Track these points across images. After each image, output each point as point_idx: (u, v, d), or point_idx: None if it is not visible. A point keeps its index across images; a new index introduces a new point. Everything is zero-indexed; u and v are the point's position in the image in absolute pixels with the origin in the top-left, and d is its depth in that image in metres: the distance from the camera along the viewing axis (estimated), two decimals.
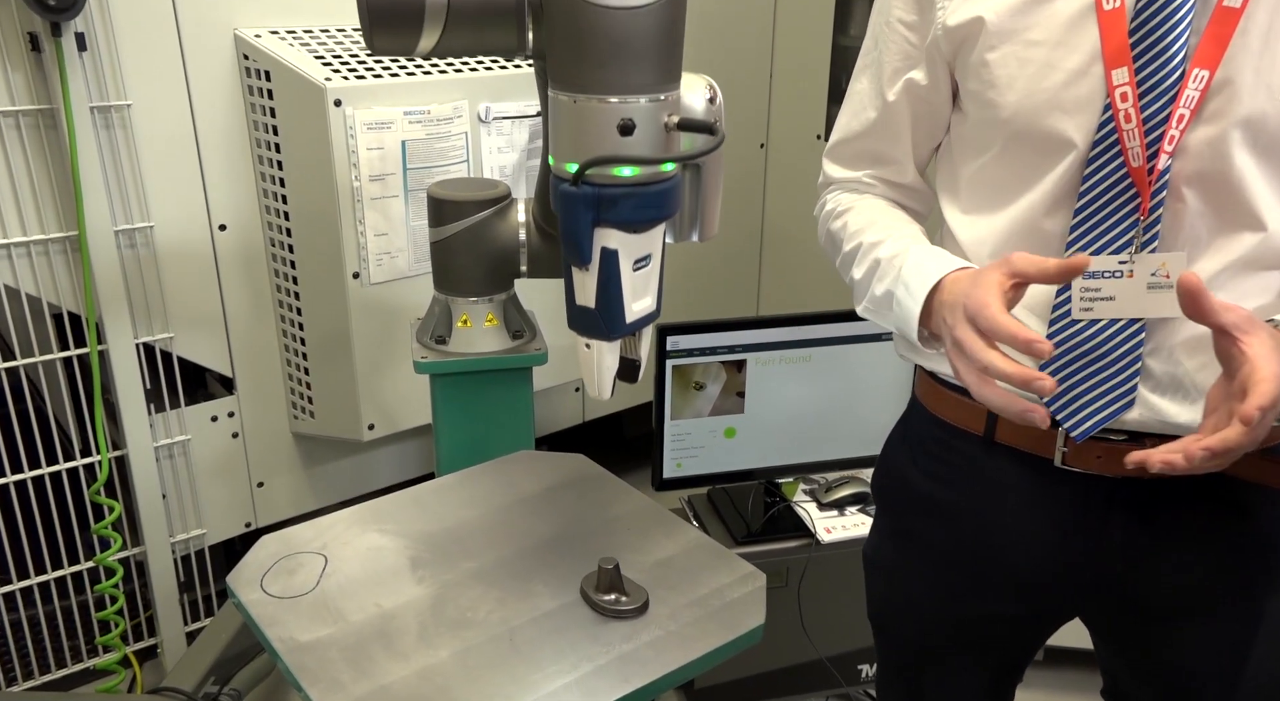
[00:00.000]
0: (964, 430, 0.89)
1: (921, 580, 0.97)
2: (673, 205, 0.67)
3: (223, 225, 1.74)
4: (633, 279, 0.67)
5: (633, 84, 0.63)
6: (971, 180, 0.88)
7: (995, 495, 0.89)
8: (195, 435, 1.80)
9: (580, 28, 0.62)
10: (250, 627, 0.89)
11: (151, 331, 1.70)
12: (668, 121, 0.64)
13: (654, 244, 0.69)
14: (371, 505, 1.06)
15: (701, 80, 0.71)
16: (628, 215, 0.65)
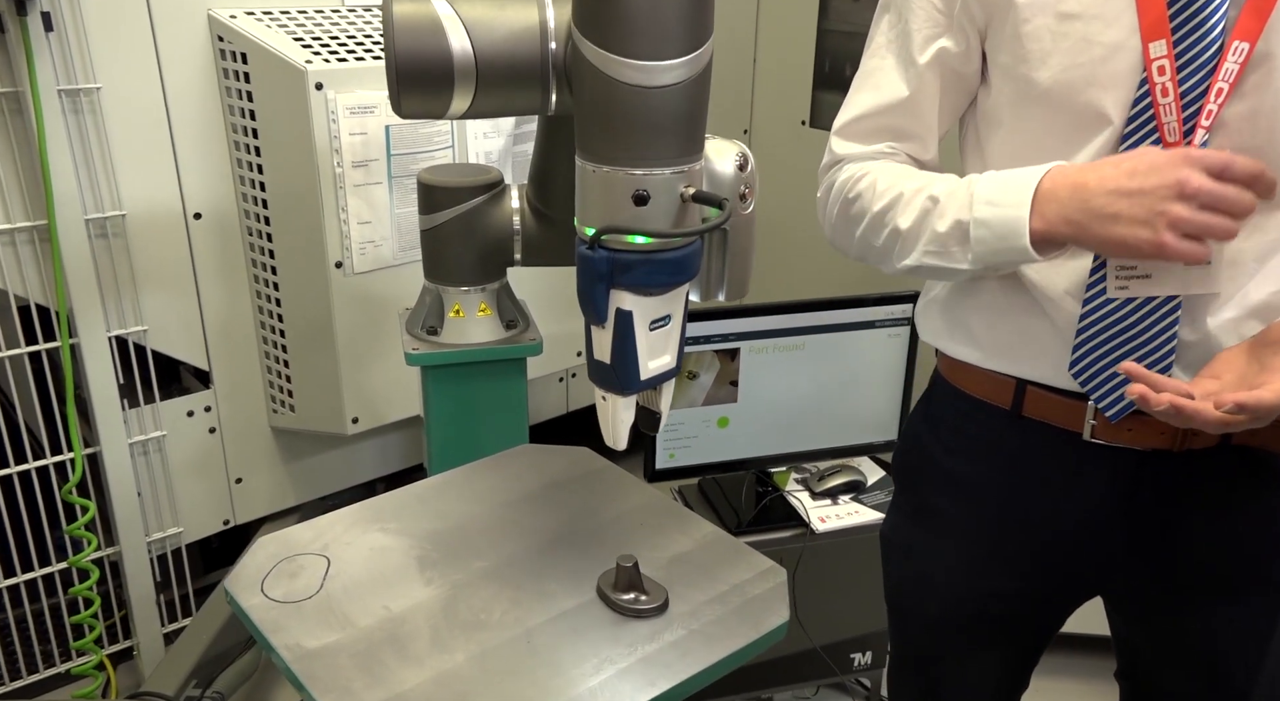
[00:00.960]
0: (990, 404, 0.88)
1: (944, 558, 0.96)
2: (688, 271, 0.68)
3: (198, 213, 1.67)
4: (649, 338, 0.68)
5: (651, 157, 0.64)
6: (1000, 157, 0.86)
7: (1022, 469, 0.88)
8: (171, 431, 1.74)
9: (605, 102, 0.63)
10: (253, 634, 0.85)
11: (124, 324, 1.64)
12: (683, 193, 0.64)
13: (673, 305, 0.69)
14: (371, 503, 1.02)
15: (734, 147, 0.72)
16: (641, 280, 0.66)
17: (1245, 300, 0.76)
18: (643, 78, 0.62)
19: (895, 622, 1.06)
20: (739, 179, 0.71)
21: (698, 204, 0.66)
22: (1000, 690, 1.02)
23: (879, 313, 1.74)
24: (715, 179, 0.71)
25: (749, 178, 0.72)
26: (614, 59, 0.61)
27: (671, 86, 0.62)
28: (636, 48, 0.61)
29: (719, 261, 0.74)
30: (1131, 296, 0.78)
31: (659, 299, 0.68)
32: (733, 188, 0.71)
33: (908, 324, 1.75)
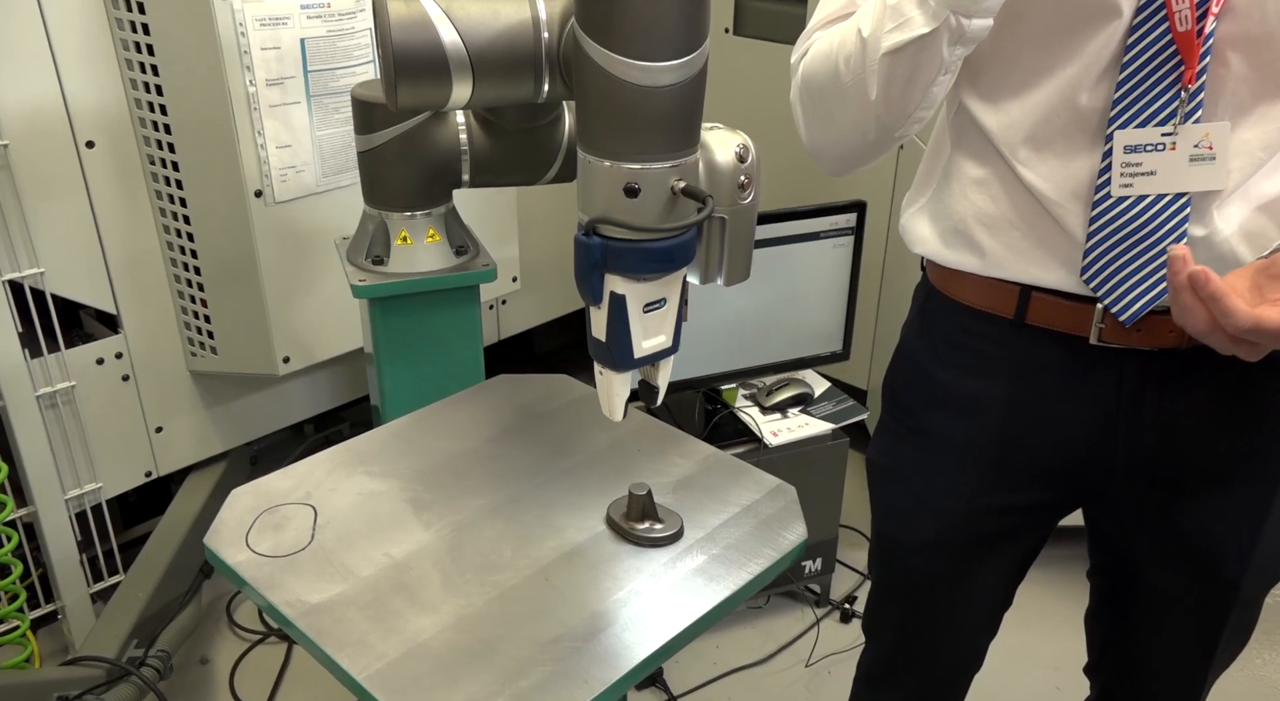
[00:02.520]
0: (991, 314, 0.87)
1: (940, 479, 0.95)
2: (679, 260, 0.70)
3: (90, 141, 1.52)
4: (643, 320, 0.71)
5: (644, 151, 0.66)
6: (998, 59, 0.83)
7: (1026, 379, 0.88)
8: (80, 380, 1.61)
9: (605, 99, 0.65)
10: (246, 592, 0.79)
11: (17, 267, 1.48)
12: (674, 186, 0.67)
13: (668, 289, 0.72)
14: (349, 445, 0.96)
15: (735, 138, 0.73)
16: (633, 267, 0.69)
17: (1251, 193, 0.77)
18: (643, 77, 0.63)
19: (883, 549, 1.04)
20: (737, 169, 0.72)
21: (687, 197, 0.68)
22: (989, 610, 1.04)
23: (822, 224, 1.73)
24: (714, 168, 0.72)
25: (749, 168, 0.72)
26: (617, 59, 0.63)
27: (670, 86, 0.64)
28: (638, 49, 0.62)
29: (718, 247, 0.76)
30: (1142, 194, 0.77)
31: (653, 283, 0.70)
32: (731, 178, 0.72)
33: (851, 234, 1.75)
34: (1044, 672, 1.74)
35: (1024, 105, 0.82)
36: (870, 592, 1.11)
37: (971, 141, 0.87)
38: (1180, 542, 0.90)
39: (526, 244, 2.01)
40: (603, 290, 0.70)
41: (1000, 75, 0.83)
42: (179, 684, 1.69)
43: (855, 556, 2.00)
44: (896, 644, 1.09)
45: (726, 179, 0.71)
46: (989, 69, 0.84)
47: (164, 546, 1.67)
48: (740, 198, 0.73)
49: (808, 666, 1.76)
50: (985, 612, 1.04)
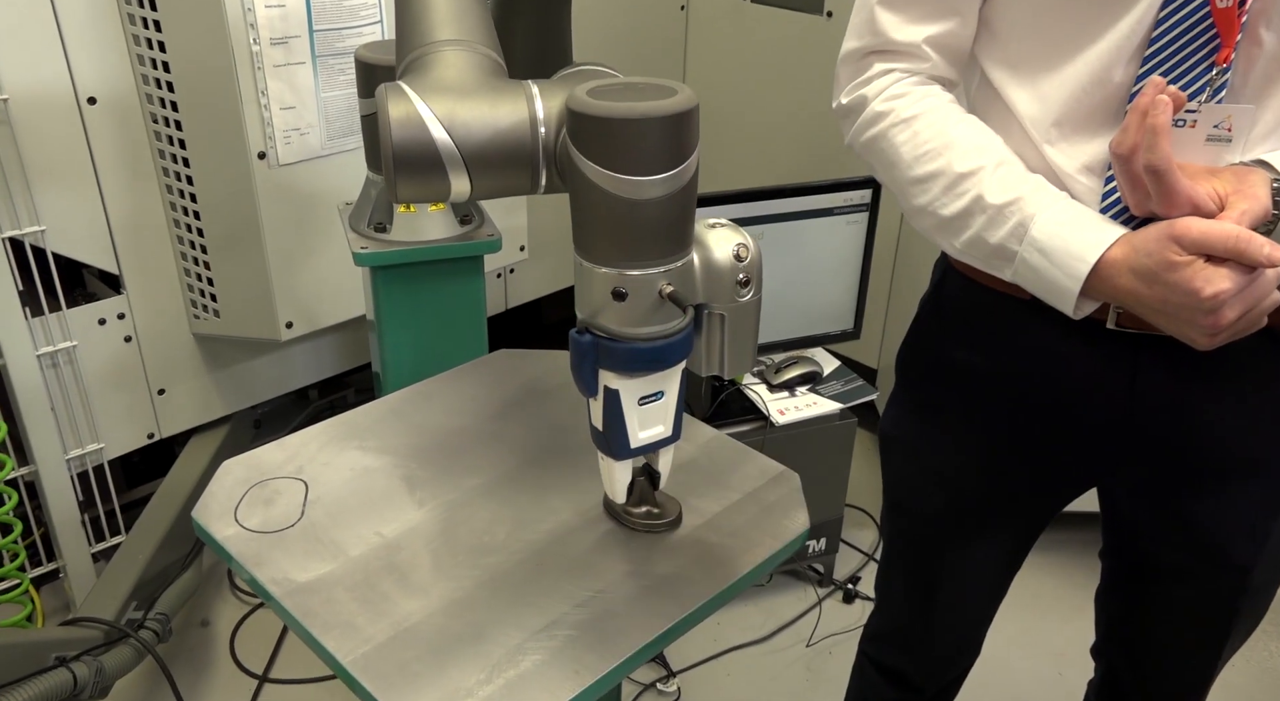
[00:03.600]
0: (1007, 295, 0.85)
1: (952, 453, 0.94)
2: (672, 358, 0.71)
3: (92, 98, 1.49)
4: (639, 412, 0.73)
5: (632, 258, 0.67)
6: (1027, 32, 0.79)
7: (1040, 360, 0.86)
8: (82, 341, 1.59)
9: (594, 208, 0.66)
10: (232, 568, 0.77)
11: (18, 224, 1.46)
12: (662, 290, 0.68)
13: (666, 382, 0.73)
14: (343, 419, 0.94)
15: (735, 237, 0.73)
16: (624, 365, 0.70)
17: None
18: (630, 191, 0.64)
19: (894, 519, 1.05)
20: (735, 268, 0.72)
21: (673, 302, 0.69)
22: (997, 575, 1.03)
23: (837, 199, 1.69)
24: (712, 267, 0.72)
25: (748, 267, 0.73)
26: (604, 173, 0.64)
27: (657, 198, 0.65)
28: (624, 165, 0.64)
29: (719, 341, 0.76)
30: None
31: (650, 378, 0.72)
32: (729, 276, 0.73)
33: (866, 210, 1.71)
34: (1047, 657, 1.73)
35: (1055, 81, 0.78)
36: (881, 555, 1.13)
37: (993, 117, 0.83)
38: (1190, 526, 0.88)
39: (535, 213, 1.97)
40: (597, 384, 0.71)
41: (1030, 49, 0.80)
42: (179, 645, 1.70)
43: (860, 536, 1.99)
44: (905, 606, 1.10)
45: (725, 277, 0.72)
46: (1018, 42, 0.81)
47: (165, 508, 1.66)
48: (739, 295, 0.73)
49: (809, 646, 1.75)
50: (991, 579, 1.04)
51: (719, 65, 2.28)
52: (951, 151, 0.80)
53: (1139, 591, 0.97)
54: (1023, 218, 0.76)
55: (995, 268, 0.80)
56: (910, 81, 0.84)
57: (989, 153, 0.80)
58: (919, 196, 0.82)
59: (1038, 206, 0.76)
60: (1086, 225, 0.75)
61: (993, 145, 0.81)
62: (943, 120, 0.82)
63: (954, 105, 0.84)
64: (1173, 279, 0.69)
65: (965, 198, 0.79)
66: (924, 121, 0.82)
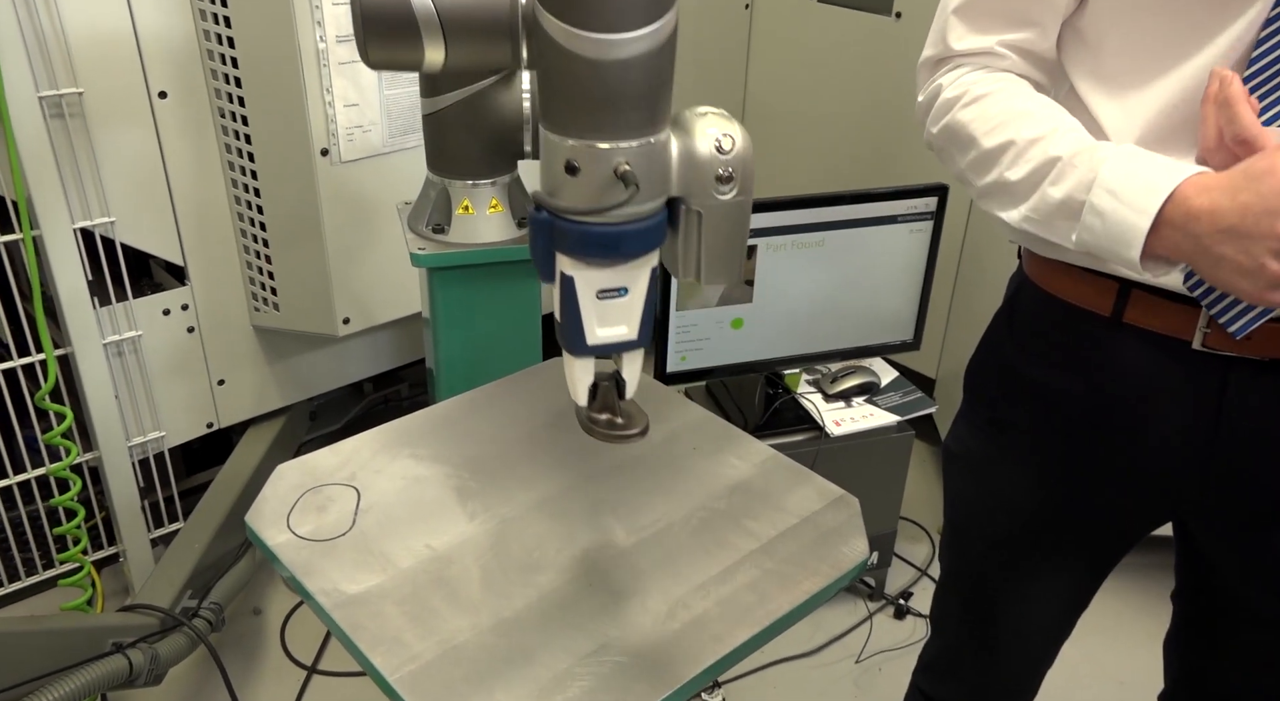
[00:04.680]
0: (1086, 310, 0.81)
1: (1019, 474, 0.90)
2: (630, 249, 0.66)
3: (163, 92, 1.51)
4: (597, 306, 0.68)
5: (585, 128, 0.62)
6: (1121, 45, 0.75)
7: (1119, 380, 0.82)
8: (147, 331, 1.62)
9: (548, 65, 0.62)
10: (283, 576, 0.77)
11: (89, 215, 1.49)
12: (617, 168, 0.63)
13: (629, 278, 0.68)
14: (397, 425, 0.93)
15: (721, 126, 0.66)
16: (576, 249, 0.65)
17: None
18: (589, 49, 0.60)
19: (953, 539, 1.01)
20: (715, 161, 0.66)
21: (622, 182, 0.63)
22: (1061, 612, 0.99)
23: (901, 207, 1.65)
24: (691, 157, 0.66)
25: (733, 161, 0.66)
26: (559, 25, 0.59)
27: (614, 61, 0.60)
28: (577, 16, 0.59)
29: (695, 242, 0.70)
30: None
31: (611, 270, 0.67)
32: (708, 169, 0.66)
33: (930, 219, 1.66)
34: (1108, 688, 1.67)
35: (1144, 96, 0.74)
36: (938, 581, 1.09)
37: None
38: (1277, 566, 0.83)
39: None
40: (554, 269, 0.67)
41: (1122, 63, 0.76)
42: (230, 634, 1.72)
43: (913, 551, 1.95)
44: (960, 637, 1.06)
45: (703, 169, 0.66)
46: (1111, 55, 0.77)
47: (222, 498, 1.69)
48: (718, 191, 0.67)
49: (858, 662, 1.72)
50: (1055, 615, 1.00)
51: (783, 66, 2.24)
52: (1021, 121, 0.77)
53: (1216, 637, 0.92)
54: (1092, 163, 0.71)
55: (1059, 233, 0.74)
56: (983, 72, 0.82)
57: (1059, 120, 0.76)
58: (987, 172, 0.78)
59: (1108, 152, 0.71)
60: (1161, 162, 0.70)
61: (1063, 114, 0.77)
62: (1012, 95, 0.79)
63: (1026, 85, 0.81)
64: (1264, 175, 0.63)
65: (1032, 161, 0.75)
66: (993, 98, 0.79)
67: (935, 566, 1.92)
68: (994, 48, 0.81)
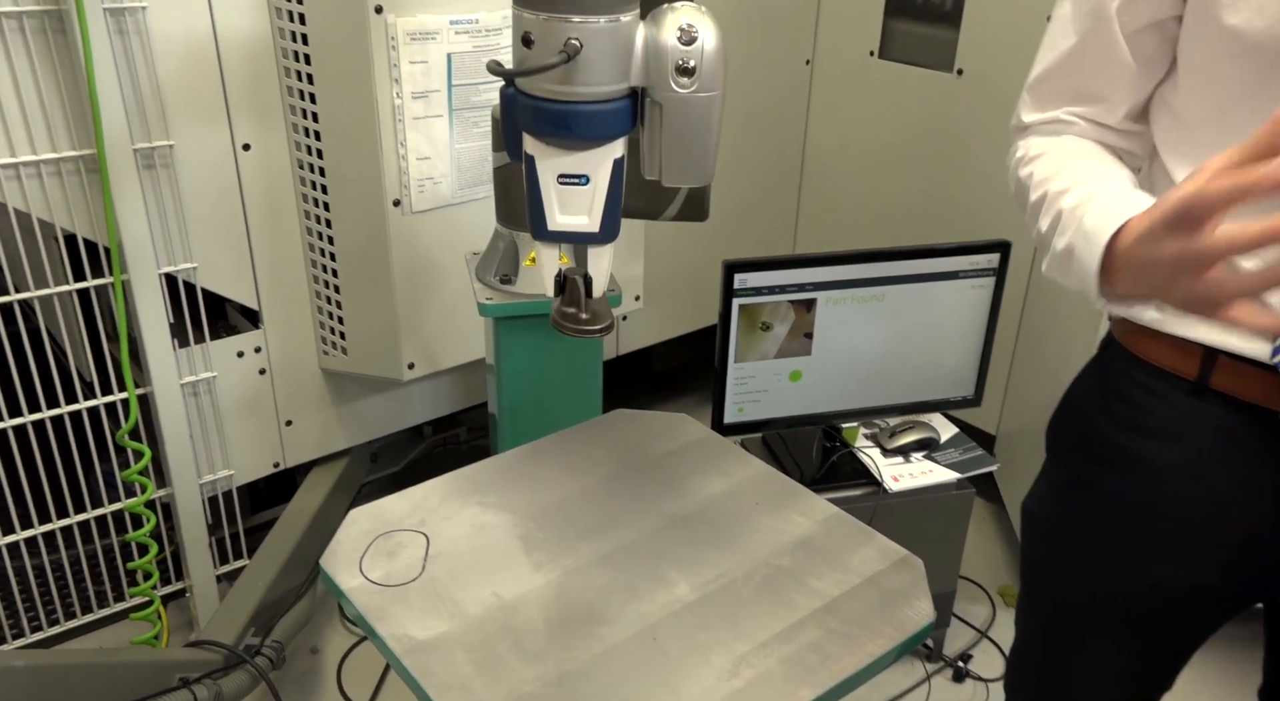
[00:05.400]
0: (1173, 374, 0.80)
1: (1096, 539, 0.88)
2: (583, 128, 0.66)
3: (246, 144, 1.58)
4: (558, 190, 0.69)
5: (540, 2, 0.64)
6: (1208, 122, 0.76)
7: (1207, 448, 0.80)
8: (221, 371, 1.68)
9: None
10: (355, 620, 0.79)
11: (174, 261, 1.56)
12: (567, 42, 0.63)
13: (591, 166, 0.68)
14: (465, 473, 0.95)
15: (688, 15, 0.65)
16: (534, 126, 0.66)
17: None
18: None
19: (1029, 602, 0.99)
20: (677, 52, 0.65)
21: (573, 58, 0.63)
22: (1140, 690, 0.95)
23: (963, 263, 1.65)
24: (654, 46, 0.66)
25: (694, 52, 0.65)
26: None
27: None
28: None
29: (657, 136, 0.69)
30: None
31: (573, 156, 0.67)
32: (669, 59, 0.66)
33: (993, 275, 1.66)
34: None
35: None
36: (1013, 646, 1.06)
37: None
38: None
39: (651, 261, 1.99)
40: (520, 147, 0.68)
41: (1205, 135, 0.76)
42: (289, 671, 1.75)
43: (973, 612, 1.90)
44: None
45: (664, 59, 0.66)
46: (1191, 125, 0.77)
47: (286, 537, 1.72)
48: (679, 83, 0.66)
49: None
50: (1135, 692, 0.96)
51: (843, 121, 2.27)
52: (1057, 176, 0.79)
53: None
54: (1080, 212, 0.72)
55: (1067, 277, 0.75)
56: (1050, 135, 0.84)
57: (1089, 173, 0.77)
58: (1032, 225, 0.80)
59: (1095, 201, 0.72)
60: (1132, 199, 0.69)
61: (1096, 168, 0.78)
62: (1063, 151, 0.81)
63: (1087, 145, 0.83)
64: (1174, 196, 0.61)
65: (1050, 213, 0.76)
66: (1047, 155, 0.82)
67: (996, 628, 1.88)
68: (1060, 116, 0.83)
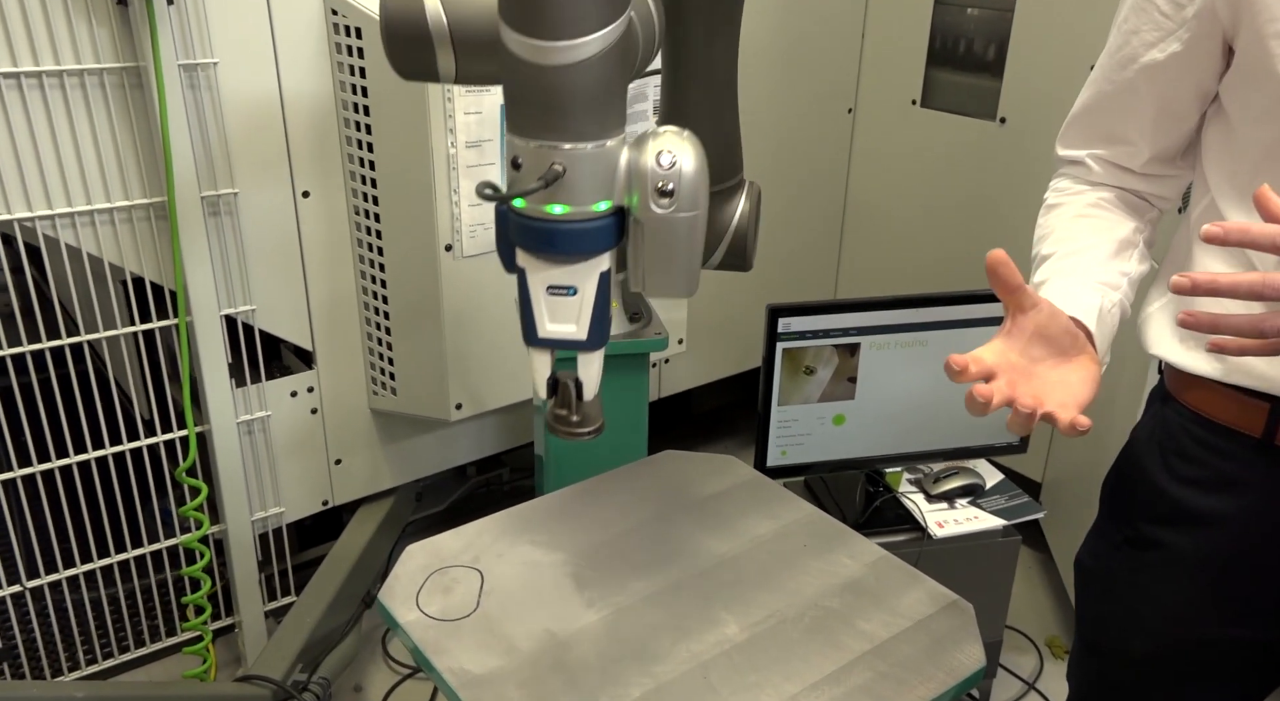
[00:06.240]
0: (1236, 431, 0.80)
1: (1158, 595, 0.88)
2: (568, 245, 0.70)
3: (306, 192, 1.64)
4: (547, 301, 0.72)
5: (526, 127, 0.68)
6: (1264, 167, 0.77)
7: (1271, 503, 0.80)
8: (275, 411, 1.72)
9: (505, 69, 0.67)
10: (411, 653, 0.81)
11: (234, 303, 1.62)
12: (551, 167, 0.67)
13: (579, 278, 0.71)
14: (516, 512, 0.98)
15: (670, 143, 0.69)
16: (524, 241, 0.70)
17: None
18: (521, 50, 0.64)
19: (1086, 659, 0.98)
20: (656, 175, 0.69)
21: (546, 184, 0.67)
22: None
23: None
24: (635, 168, 0.70)
25: (671, 175, 0.69)
26: (503, 25, 0.64)
27: (548, 66, 0.64)
28: (513, 18, 0.64)
29: (640, 255, 0.73)
30: None
31: (562, 268, 0.70)
32: (648, 181, 0.70)
33: None
34: None
35: None
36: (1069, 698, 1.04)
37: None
38: None
39: (694, 305, 2.02)
40: (513, 259, 0.72)
41: (1256, 180, 0.77)
42: None
43: (1020, 663, 1.87)
44: None
45: (643, 181, 0.69)
46: (1244, 172, 0.79)
47: (332, 575, 1.75)
48: (658, 204, 0.69)
49: None
50: None
51: (885, 169, 2.29)
52: (1050, 238, 0.86)
53: None
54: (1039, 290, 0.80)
55: None
56: (1075, 180, 0.90)
57: (1072, 243, 0.84)
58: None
59: (1050, 286, 0.80)
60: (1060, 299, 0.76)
61: (1081, 237, 0.84)
62: (1065, 212, 0.88)
63: (1090, 204, 0.88)
64: None
65: (1033, 278, 0.84)
66: (1055, 211, 0.89)
67: (1044, 680, 1.84)
68: (1084, 159, 0.89)
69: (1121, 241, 0.84)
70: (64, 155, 1.40)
